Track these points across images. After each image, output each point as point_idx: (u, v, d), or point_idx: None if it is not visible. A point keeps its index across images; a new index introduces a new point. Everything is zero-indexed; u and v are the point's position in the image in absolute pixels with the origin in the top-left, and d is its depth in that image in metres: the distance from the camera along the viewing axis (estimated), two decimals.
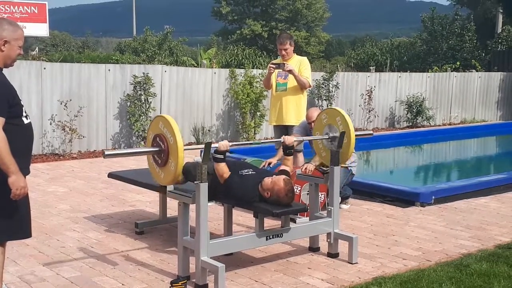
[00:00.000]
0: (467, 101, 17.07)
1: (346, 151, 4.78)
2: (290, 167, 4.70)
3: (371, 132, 5.71)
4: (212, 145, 4.07)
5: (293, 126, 6.80)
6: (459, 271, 4.38)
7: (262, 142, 5.01)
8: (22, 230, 3.56)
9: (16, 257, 4.64)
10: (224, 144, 4.20)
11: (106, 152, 3.85)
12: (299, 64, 6.93)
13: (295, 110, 6.93)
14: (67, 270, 4.39)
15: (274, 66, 6.82)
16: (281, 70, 6.79)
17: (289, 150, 4.66)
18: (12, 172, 3.27)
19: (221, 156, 4.26)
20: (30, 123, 3.51)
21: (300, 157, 6.77)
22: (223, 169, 4.31)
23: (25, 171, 3.44)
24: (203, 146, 3.99)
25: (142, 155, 4.36)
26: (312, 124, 6.13)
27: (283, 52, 6.90)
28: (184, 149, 3.90)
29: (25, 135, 3.47)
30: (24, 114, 3.45)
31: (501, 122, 17.29)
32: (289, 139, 4.68)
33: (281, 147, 6.18)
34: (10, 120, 3.32)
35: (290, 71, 6.75)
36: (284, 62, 6.82)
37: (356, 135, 4.80)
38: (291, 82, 6.91)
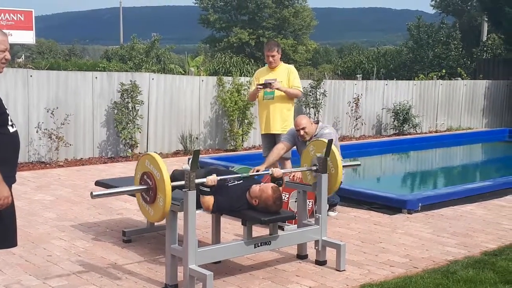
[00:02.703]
0: (453, 108, 17.22)
1: (334, 181, 4.88)
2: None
3: (359, 163, 5.79)
4: (200, 180, 4.08)
5: (281, 134, 6.81)
6: (446, 278, 4.40)
7: (252, 175, 4.94)
8: (8, 239, 3.52)
9: (2, 266, 4.60)
10: (212, 179, 4.22)
11: (94, 193, 3.83)
12: (288, 73, 6.94)
13: (282, 118, 6.94)
14: (54, 279, 4.36)
15: (261, 86, 6.84)
16: (269, 83, 6.81)
17: (278, 182, 4.67)
18: None
19: (208, 190, 4.27)
20: (16, 132, 3.48)
21: (288, 164, 6.78)
22: (209, 202, 4.32)
23: (11, 179, 3.41)
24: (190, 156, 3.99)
25: (131, 193, 4.35)
26: (301, 131, 6.15)
27: (270, 59, 6.90)
28: (172, 186, 3.89)
29: (11, 144, 3.43)
30: (10, 122, 3.42)
31: (487, 130, 17.44)
32: (278, 172, 4.74)
33: (269, 154, 6.23)
34: None
35: (278, 89, 6.79)
36: (271, 81, 6.81)
37: (343, 166, 4.90)
38: (278, 90, 6.91)
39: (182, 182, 3.98)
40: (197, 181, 4.02)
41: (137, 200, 4.20)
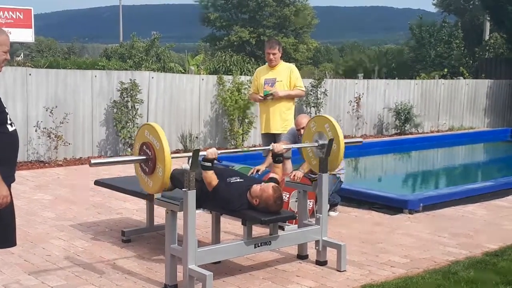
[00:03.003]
0: (454, 108, 17.18)
1: (335, 158, 4.77)
2: (279, 174, 4.69)
3: (361, 139, 5.70)
4: (200, 153, 4.03)
5: (281, 134, 6.78)
6: (447, 279, 4.37)
7: (251, 150, 4.97)
8: (7, 239, 3.50)
9: (1, 266, 4.57)
10: (212, 152, 4.17)
11: (93, 161, 3.78)
12: (289, 73, 6.90)
13: (282, 118, 6.91)
14: (53, 279, 4.33)
15: (263, 97, 6.84)
16: (269, 83, 6.82)
17: (278, 158, 4.64)
18: None
19: (209, 164, 4.23)
20: (15, 131, 3.46)
21: (288, 164, 6.74)
22: (211, 177, 4.28)
23: (10, 179, 3.38)
24: (190, 153, 3.96)
25: (129, 163, 4.30)
26: (301, 130, 6.12)
27: (271, 57, 6.85)
28: (172, 157, 3.86)
29: (10, 143, 3.41)
30: (9, 121, 3.39)
31: (489, 129, 17.42)
32: (279, 147, 4.66)
33: (270, 154, 6.20)
34: None
35: (280, 98, 6.79)
36: (272, 93, 6.80)
37: (345, 143, 4.79)
38: (278, 89, 6.88)
39: (184, 154, 3.92)
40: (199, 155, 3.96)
41: (136, 171, 4.16)
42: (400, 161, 13.56)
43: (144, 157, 3.97)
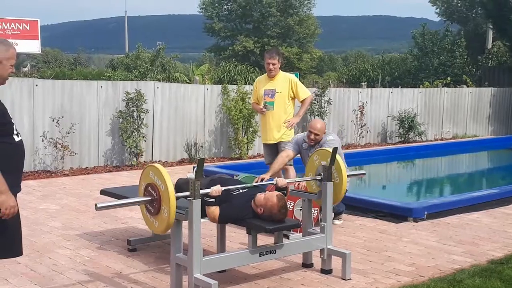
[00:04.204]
0: (458, 116, 17.18)
1: (339, 191, 4.88)
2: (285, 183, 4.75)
3: (364, 172, 5.76)
4: (204, 191, 4.09)
5: (282, 142, 6.81)
6: (452, 287, 4.38)
7: (256, 185, 4.91)
8: (13, 248, 3.52)
9: (7, 276, 4.60)
10: (217, 190, 4.21)
11: (99, 205, 3.82)
12: (289, 84, 6.94)
13: (283, 127, 6.95)
14: None
15: (265, 110, 6.94)
16: (269, 94, 6.90)
17: (282, 191, 4.65)
18: (1, 192, 3.25)
19: (213, 200, 4.26)
20: (21, 141, 3.49)
21: (291, 171, 6.77)
22: (214, 213, 4.31)
23: (16, 189, 3.42)
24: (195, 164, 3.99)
25: (135, 205, 4.35)
26: (312, 135, 6.14)
27: (271, 67, 6.88)
28: (176, 197, 3.89)
29: (16, 153, 3.45)
30: (15, 132, 3.43)
31: (492, 137, 17.39)
32: (282, 182, 4.74)
33: (273, 163, 6.23)
34: (0, 139, 3.31)
35: (293, 124, 6.95)
36: (288, 126, 6.93)
37: (348, 175, 4.89)
38: (278, 100, 6.93)
39: (187, 193, 3.97)
40: (201, 192, 4.01)
41: (141, 211, 4.19)
42: (404, 169, 13.56)
43: (149, 198, 4.01)
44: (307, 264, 4.89)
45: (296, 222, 4.99)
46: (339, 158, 4.85)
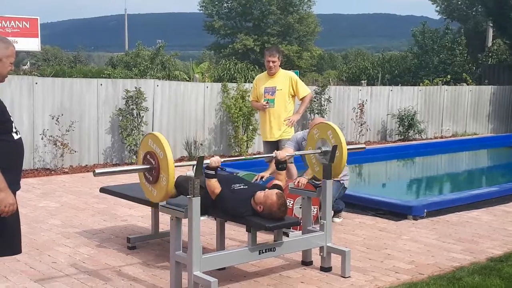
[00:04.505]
0: (458, 114, 17.18)
1: (338, 164, 4.79)
2: (283, 181, 4.71)
3: (364, 146, 5.71)
4: (204, 161, 4.06)
5: (283, 140, 6.82)
6: (452, 284, 4.38)
7: (254, 158, 4.98)
8: (12, 246, 3.52)
9: (7, 273, 4.61)
10: (216, 160, 4.20)
11: (97, 171, 3.81)
12: (290, 82, 6.95)
13: (283, 125, 6.95)
14: (59, 286, 4.36)
15: (267, 105, 6.92)
16: (269, 91, 6.91)
17: (281, 165, 4.66)
18: (1, 189, 3.25)
19: (213, 172, 4.25)
20: (20, 139, 3.49)
21: (293, 169, 6.78)
22: (214, 185, 4.30)
23: (15, 186, 3.42)
24: (195, 162, 3.99)
25: (133, 172, 4.34)
26: None
27: (271, 64, 6.89)
28: (175, 166, 3.89)
29: (15, 151, 3.44)
30: (14, 130, 3.43)
31: (492, 135, 17.39)
32: (281, 154, 4.69)
33: (273, 161, 6.23)
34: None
35: (293, 122, 6.96)
36: (288, 124, 6.91)
37: (348, 149, 4.81)
38: (279, 98, 6.93)
39: (188, 163, 3.96)
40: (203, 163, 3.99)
41: (140, 180, 4.18)
42: (404, 167, 13.56)
43: (147, 166, 4.00)
44: (306, 262, 4.90)
45: (296, 220, 5.00)
46: (339, 132, 4.77)
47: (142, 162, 4.08)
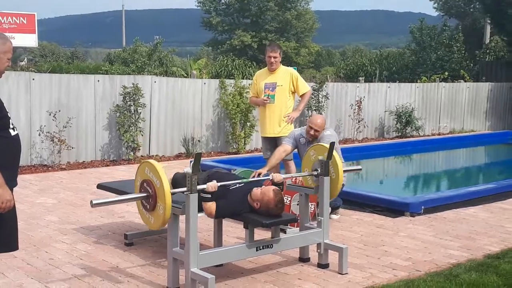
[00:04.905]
0: (455, 111, 17.19)
1: (334, 187, 4.86)
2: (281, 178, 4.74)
3: (360, 167, 5.76)
4: (200, 187, 4.08)
5: (281, 137, 6.81)
6: (449, 281, 4.38)
7: (253, 180, 4.86)
8: (9, 243, 3.51)
9: (4, 270, 4.60)
10: (212, 185, 4.19)
11: (94, 201, 3.80)
12: (290, 78, 6.96)
13: (283, 121, 6.96)
14: (56, 283, 4.36)
15: (268, 100, 6.90)
16: (269, 87, 6.91)
17: (278, 186, 4.63)
18: None
19: (209, 196, 4.25)
20: (17, 135, 3.48)
21: (292, 165, 6.78)
22: (211, 208, 4.29)
23: (12, 183, 3.41)
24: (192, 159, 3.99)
25: (130, 201, 4.34)
26: (312, 131, 6.13)
27: (272, 60, 6.90)
28: (172, 193, 3.88)
29: (12, 147, 3.43)
30: (11, 126, 3.42)
31: (490, 132, 17.42)
32: (278, 177, 4.71)
33: (270, 157, 6.23)
34: None
35: (293, 118, 6.95)
36: (287, 121, 6.90)
37: (344, 171, 4.91)
38: (279, 94, 6.93)
39: (183, 189, 3.96)
40: (198, 187, 4.00)
41: (138, 207, 4.19)
42: (401, 164, 13.57)
43: (144, 195, 4.01)
44: (304, 259, 4.90)
45: (293, 216, 5.00)
46: (336, 154, 4.84)
47: (139, 190, 4.09)
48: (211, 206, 4.29)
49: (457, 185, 10.41)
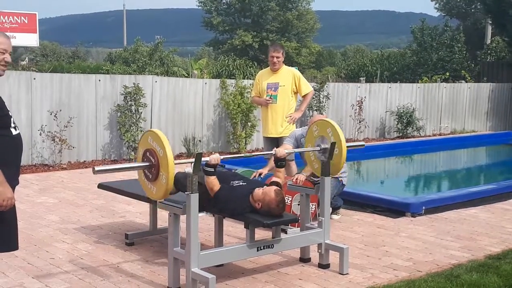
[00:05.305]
0: (456, 111, 17.18)
1: (337, 162, 4.78)
2: (282, 178, 4.71)
3: (363, 143, 5.71)
4: (203, 159, 4.06)
5: (283, 137, 6.81)
6: (450, 282, 4.38)
7: (253, 155, 4.96)
8: (9, 242, 3.51)
9: (5, 269, 4.60)
10: (215, 158, 4.19)
11: (97, 168, 3.78)
12: (293, 78, 6.96)
13: (285, 121, 6.96)
14: (57, 282, 4.36)
15: (270, 101, 6.91)
16: (272, 87, 6.92)
17: (280, 162, 4.66)
18: None
19: (212, 170, 4.25)
20: (18, 134, 3.48)
21: (293, 165, 6.78)
22: (213, 182, 4.30)
23: (13, 182, 3.41)
24: (193, 159, 3.99)
25: (132, 170, 4.33)
26: None
27: (275, 60, 6.90)
28: (175, 163, 3.88)
29: (13, 146, 3.43)
30: (12, 125, 3.42)
31: (491, 133, 17.40)
32: (281, 151, 4.68)
33: (273, 158, 6.23)
34: None
35: (295, 119, 6.96)
36: (289, 121, 6.89)
37: (347, 146, 4.80)
38: (281, 94, 6.93)
39: (188, 160, 3.94)
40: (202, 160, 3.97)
41: (139, 177, 4.16)
42: (402, 165, 13.56)
43: (147, 164, 3.99)
44: (304, 259, 4.90)
45: (294, 216, 5.00)
46: (339, 129, 4.75)
47: (141, 159, 4.06)
48: (214, 181, 4.28)
49: (458, 186, 10.41)
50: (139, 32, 34.78)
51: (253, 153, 4.77)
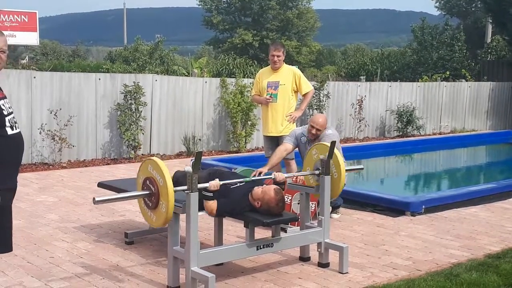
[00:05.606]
0: (457, 110, 17.18)
1: (336, 186, 4.86)
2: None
3: (362, 167, 5.75)
4: (202, 185, 4.09)
5: (283, 136, 6.81)
6: (449, 281, 4.38)
7: (253, 179, 4.83)
8: (6, 243, 3.49)
9: (4, 268, 4.60)
10: (215, 184, 4.19)
11: (97, 198, 3.80)
12: (293, 77, 6.96)
13: (285, 120, 6.95)
14: (56, 281, 4.36)
15: (270, 99, 6.92)
16: (272, 86, 6.91)
17: (280, 186, 4.63)
18: None
19: (211, 195, 4.25)
20: (18, 133, 3.42)
21: (293, 164, 6.78)
22: (212, 206, 4.29)
23: (8, 182, 3.36)
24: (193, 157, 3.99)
25: (133, 199, 4.33)
26: (313, 130, 6.12)
27: (276, 59, 6.90)
28: (175, 190, 3.88)
29: (9, 146, 3.36)
30: (8, 124, 3.36)
31: (491, 132, 17.40)
32: (280, 176, 4.70)
33: (271, 156, 6.23)
34: None
35: (295, 118, 6.97)
36: (289, 120, 6.90)
37: (346, 170, 4.91)
38: (282, 93, 6.93)
39: (184, 187, 3.95)
40: (199, 186, 4.00)
41: (139, 204, 4.18)
42: (402, 163, 13.56)
43: (147, 192, 3.99)
44: (304, 258, 4.90)
45: (294, 215, 4.99)
46: (338, 153, 4.84)
47: (141, 187, 4.08)
48: (212, 204, 4.29)
49: (458, 185, 10.41)
50: (139, 31, 34.81)
51: (251, 178, 4.75)
